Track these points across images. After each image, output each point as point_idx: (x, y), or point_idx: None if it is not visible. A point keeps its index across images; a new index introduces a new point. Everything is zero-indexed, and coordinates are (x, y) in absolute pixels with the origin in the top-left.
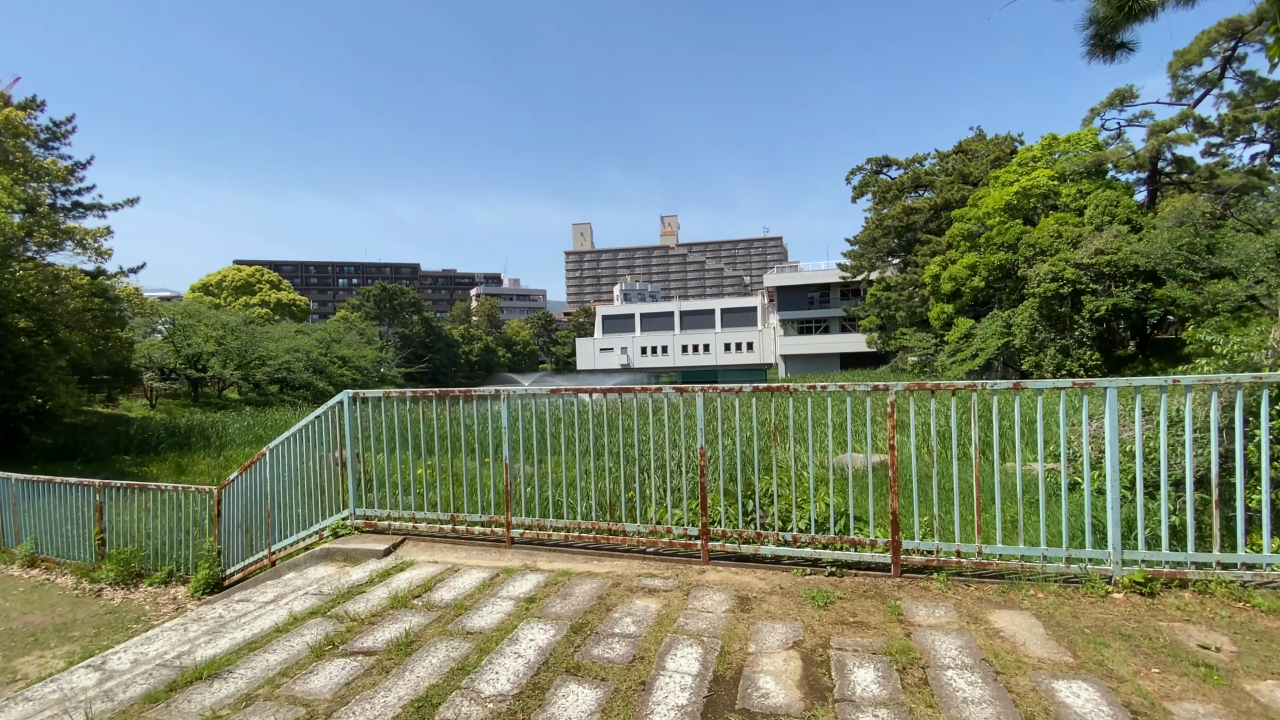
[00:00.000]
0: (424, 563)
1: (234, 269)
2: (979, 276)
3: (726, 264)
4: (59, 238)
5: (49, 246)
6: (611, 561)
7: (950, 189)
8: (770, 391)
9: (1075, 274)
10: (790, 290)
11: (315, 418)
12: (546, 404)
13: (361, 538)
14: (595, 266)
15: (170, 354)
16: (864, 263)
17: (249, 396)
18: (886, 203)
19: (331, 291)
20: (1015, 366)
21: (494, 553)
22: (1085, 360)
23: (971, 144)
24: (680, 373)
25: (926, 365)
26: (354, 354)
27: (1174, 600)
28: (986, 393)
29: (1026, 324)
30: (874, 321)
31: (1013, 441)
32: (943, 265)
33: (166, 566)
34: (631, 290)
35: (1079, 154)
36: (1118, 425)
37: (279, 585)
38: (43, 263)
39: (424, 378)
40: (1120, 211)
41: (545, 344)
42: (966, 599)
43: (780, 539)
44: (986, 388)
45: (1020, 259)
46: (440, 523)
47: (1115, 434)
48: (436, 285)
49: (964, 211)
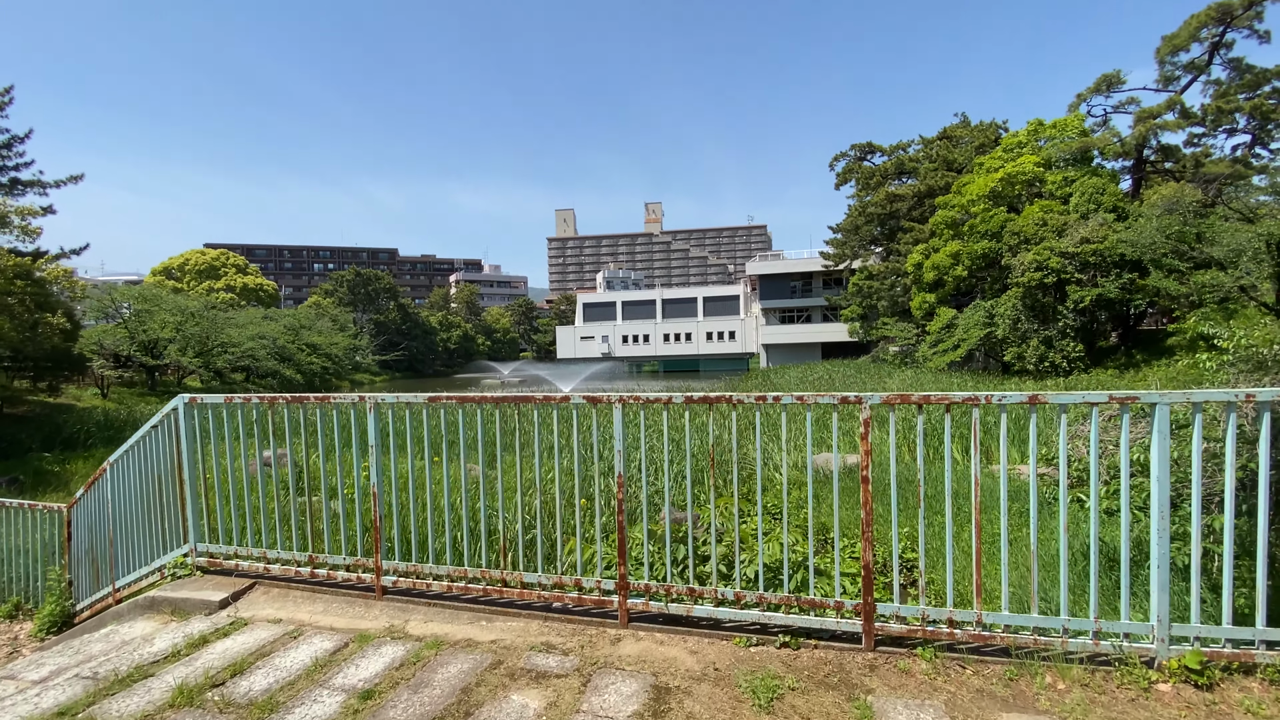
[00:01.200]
0: (263, 621)
1: (198, 252)
2: (962, 265)
3: (711, 252)
4: None
5: None
6: (505, 621)
7: (934, 176)
8: (709, 403)
9: (1060, 263)
10: (772, 279)
11: (151, 428)
12: (425, 415)
13: (200, 582)
14: (579, 253)
15: (124, 340)
16: (846, 251)
17: (211, 385)
18: (870, 190)
19: (307, 277)
20: (997, 357)
21: (359, 606)
22: (1068, 351)
23: (956, 130)
24: (662, 361)
25: (908, 355)
26: (325, 341)
27: (1239, 695)
28: (993, 407)
29: (1009, 314)
30: (856, 311)
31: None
32: (925, 254)
33: (13, 598)
34: (615, 278)
35: (1065, 140)
36: (1128, 444)
37: (72, 651)
38: None
39: (400, 366)
40: (1106, 199)
41: (526, 332)
42: (962, 693)
43: (720, 596)
44: (992, 400)
45: (1004, 247)
46: (297, 564)
47: (1166, 466)
48: (415, 271)
49: (948, 199)
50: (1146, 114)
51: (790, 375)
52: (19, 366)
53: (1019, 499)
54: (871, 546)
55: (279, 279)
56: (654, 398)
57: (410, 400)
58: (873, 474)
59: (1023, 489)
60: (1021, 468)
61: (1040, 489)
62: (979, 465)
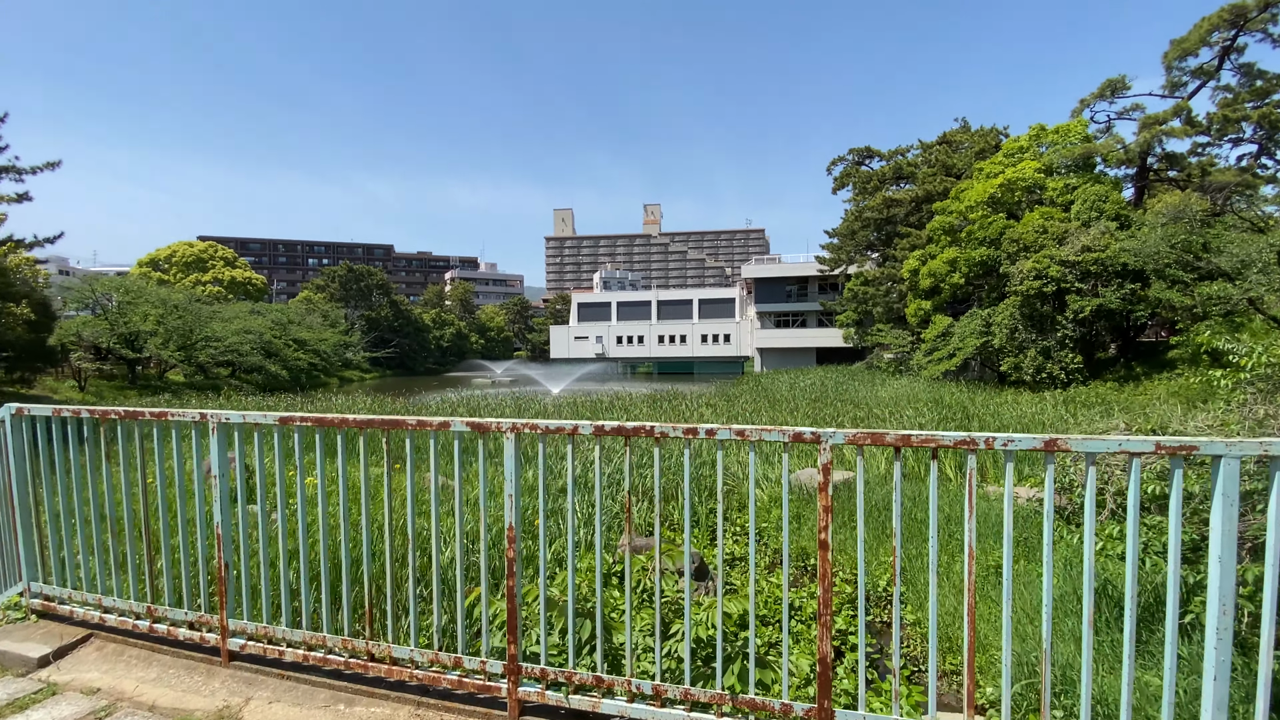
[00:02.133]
0: (77, 691)
1: (185, 244)
2: (959, 272)
3: (709, 254)
4: None
5: None
6: (370, 707)
7: (932, 181)
8: (624, 435)
9: (1060, 272)
10: (768, 282)
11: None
12: (276, 435)
13: (29, 630)
14: (576, 253)
15: (104, 332)
16: (842, 256)
17: (194, 380)
18: (867, 194)
19: (301, 271)
20: (993, 367)
21: (199, 675)
22: (1067, 363)
23: (956, 135)
24: (656, 363)
25: (903, 363)
26: (313, 337)
27: None
28: (997, 452)
29: (1007, 323)
30: (851, 317)
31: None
32: (922, 260)
33: None
34: (611, 278)
35: (1067, 146)
36: (1179, 515)
37: None
38: None
39: (392, 363)
40: (1109, 207)
41: (521, 331)
42: None
43: (634, 689)
44: (995, 445)
45: (1003, 255)
46: (135, 615)
47: (1233, 546)
48: (411, 268)
49: (946, 204)
50: (1152, 120)
51: (781, 381)
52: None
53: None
54: (829, 632)
55: (273, 273)
56: (556, 427)
57: (259, 420)
58: (840, 516)
59: (1029, 538)
60: (1022, 492)
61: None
62: (974, 542)
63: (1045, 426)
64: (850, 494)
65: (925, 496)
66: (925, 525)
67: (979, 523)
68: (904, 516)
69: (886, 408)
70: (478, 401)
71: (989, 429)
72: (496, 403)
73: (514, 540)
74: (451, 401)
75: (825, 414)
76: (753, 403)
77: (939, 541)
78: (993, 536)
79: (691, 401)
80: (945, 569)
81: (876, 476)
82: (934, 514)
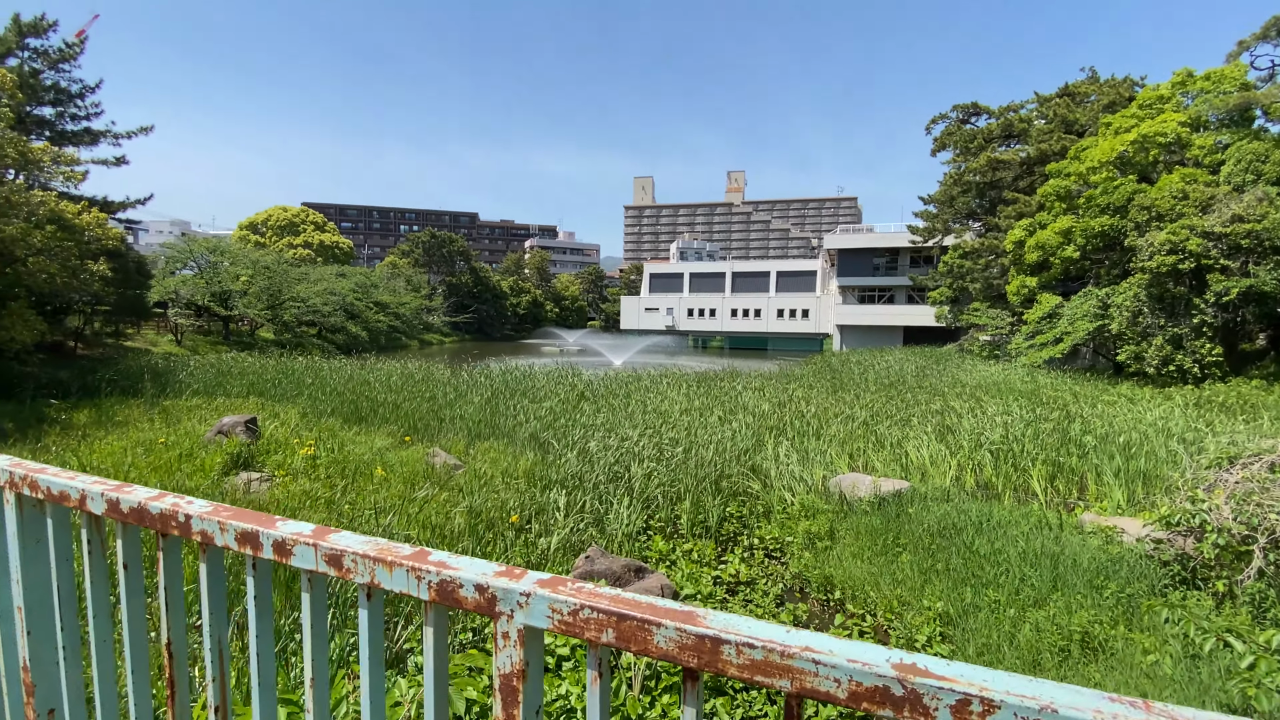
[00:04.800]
0: None
1: (280, 209)
2: (1073, 245)
3: (794, 224)
4: (14, 162)
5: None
6: None
7: (1048, 139)
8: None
9: (1201, 245)
10: (853, 254)
11: None
12: None
13: None
14: (655, 222)
15: (201, 290)
16: (938, 225)
17: (283, 338)
18: (970, 155)
19: (393, 237)
20: (1108, 356)
21: None
22: (1203, 354)
23: (1081, 86)
24: (729, 338)
25: (998, 347)
26: (394, 300)
27: None
28: None
29: (1129, 305)
30: (945, 293)
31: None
32: (1029, 230)
33: None
34: (689, 249)
35: (1220, 95)
36: None
37: None
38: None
39: (470, 328)
40: (1269, 169)
41: (594, 300)
42: None
43: None
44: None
45: (1129, 224)
46: None
47: None
48: (494, 236)
49: (1062, 165)
50: None
51: (854, 362)
52: (91, 311)
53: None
54: None
55: (367, 238)
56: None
57: None
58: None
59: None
60: (1123, 522)
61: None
62: None
63: (1170, 436)
64: (901, 507)
65: (997, 520)
66: (980, 563)
67: (1058, 566)
68: (958, 551)
69: (970, 400)
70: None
71: (1094, 435)
72: (553, 370)
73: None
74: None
75: (894, 404)
76: (810, 387)
77: (1007, 586)
78: (1082, 589)
79: (742, 382)
80: (1010, 626)
81: (936, 491)
82: None
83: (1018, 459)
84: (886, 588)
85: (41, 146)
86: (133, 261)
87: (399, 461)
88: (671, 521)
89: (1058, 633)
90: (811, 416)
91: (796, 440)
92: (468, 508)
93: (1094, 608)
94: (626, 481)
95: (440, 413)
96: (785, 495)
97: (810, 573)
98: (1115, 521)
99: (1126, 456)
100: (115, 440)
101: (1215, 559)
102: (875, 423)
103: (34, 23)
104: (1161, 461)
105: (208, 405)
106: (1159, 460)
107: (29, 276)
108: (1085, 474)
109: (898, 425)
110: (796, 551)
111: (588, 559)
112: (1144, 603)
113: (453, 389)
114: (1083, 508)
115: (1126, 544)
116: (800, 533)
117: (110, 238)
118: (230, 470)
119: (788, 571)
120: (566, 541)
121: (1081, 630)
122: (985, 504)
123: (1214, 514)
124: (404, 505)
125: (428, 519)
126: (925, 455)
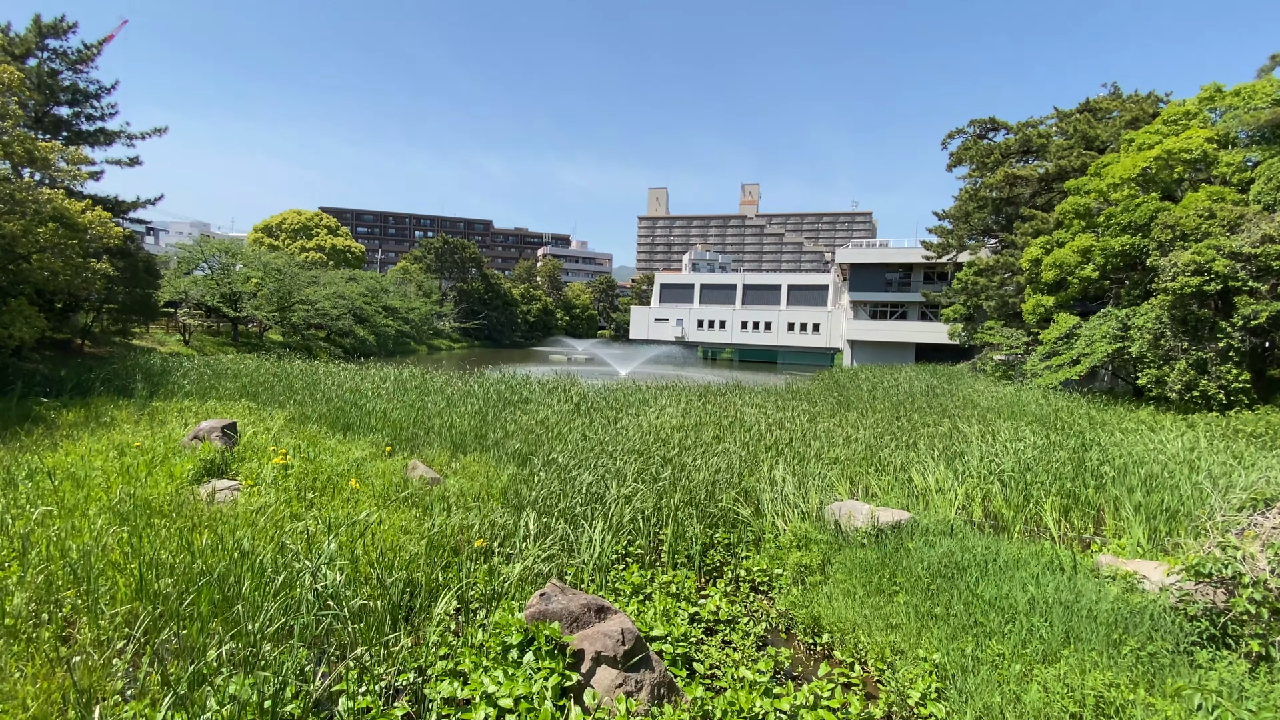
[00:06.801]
0: None
1: (294, 212)
2: (1092, 264)
3: (808, 238)
4: (21, 159)
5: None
6: None
7: (1068, 155)
8: None
9: (1228, 266)
10: (866, 268)
11: None
12: None
13: None
14: (668, 233)
15: (211, 290)
16: (953, 241)
17: (290, 340)
18: (987, 170)
19: (408, 243)
20: (1128, 379)
21: None
22: (1228, 380)
23: (1102, 102)
24: (738, 350)
25: (1013, 367)
26: (403, 305)
27: None
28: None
29: (1151, 327)
30: (959, 310)
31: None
32: (1047, 248)
33: None
34: (701, 260)
35: (1251, 110)
36: None
37: None
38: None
39: (480, 335)
40: None
41: (605, 310)
42: None
43: None
44: None
45: (1151, 244)
46: None
47: None
48: (507, 243)
49: (1082, 182)
50: None
51: (863, 378)
52: (99, 310)
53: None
54: None
55: (382, 243)
56: None
57: None
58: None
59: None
60: (1145, 567)
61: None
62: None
63: (1195, 471)
64: (900, 541)
65: (1004, 559)
66: (984, 609)
67: (1071, 617)
68: (960, 594)
69: (980, 422)
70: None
71: (1112, 465)
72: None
73: None
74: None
75: (902, 423)
76: (815, 404)
77: (1014, 638)
78: (1097, 644)
79: (744, 397)
80: (1015, 685)
81: (940, 524)
82: None
83: (1030, 488)
84: (879, 633)
85: (49, 144)
86: (141, 261)
87: (376, 474)
88: (653, 548)
89: (1069, 696)
90: (813, 436)
91: (795, 462)
92: (427, 531)
93: (1111, 667)
94: (604, 504)
95: (429, 421)
96: (778, 522)
97: (797, 611)
98: (1136, 566)
99: (1147, 490)
100: (92, 442)
101: (1252, 615)
102: (880, 445)
103: (54, 24)
104: (1186, 497)
105: (197, 407)
106: (1183, 496)
107: (33, 273)
108: (1102, 507)
109: (904, 448)
110: (785, 586)
111: (543, 596)
112: (1169, 681)
113: (443, 398)
114: (1099, 545)
115: (1148, 592)
116: (790, 565)
117: (113, 236)
118: (202, 478)
119: (774, 609)
120: (530, 571)
121: (1096, 694)
122: (993, 539)
123: (1248, 563)
124: (353, 527)
125: (385, 541)
126: (931, 481)
